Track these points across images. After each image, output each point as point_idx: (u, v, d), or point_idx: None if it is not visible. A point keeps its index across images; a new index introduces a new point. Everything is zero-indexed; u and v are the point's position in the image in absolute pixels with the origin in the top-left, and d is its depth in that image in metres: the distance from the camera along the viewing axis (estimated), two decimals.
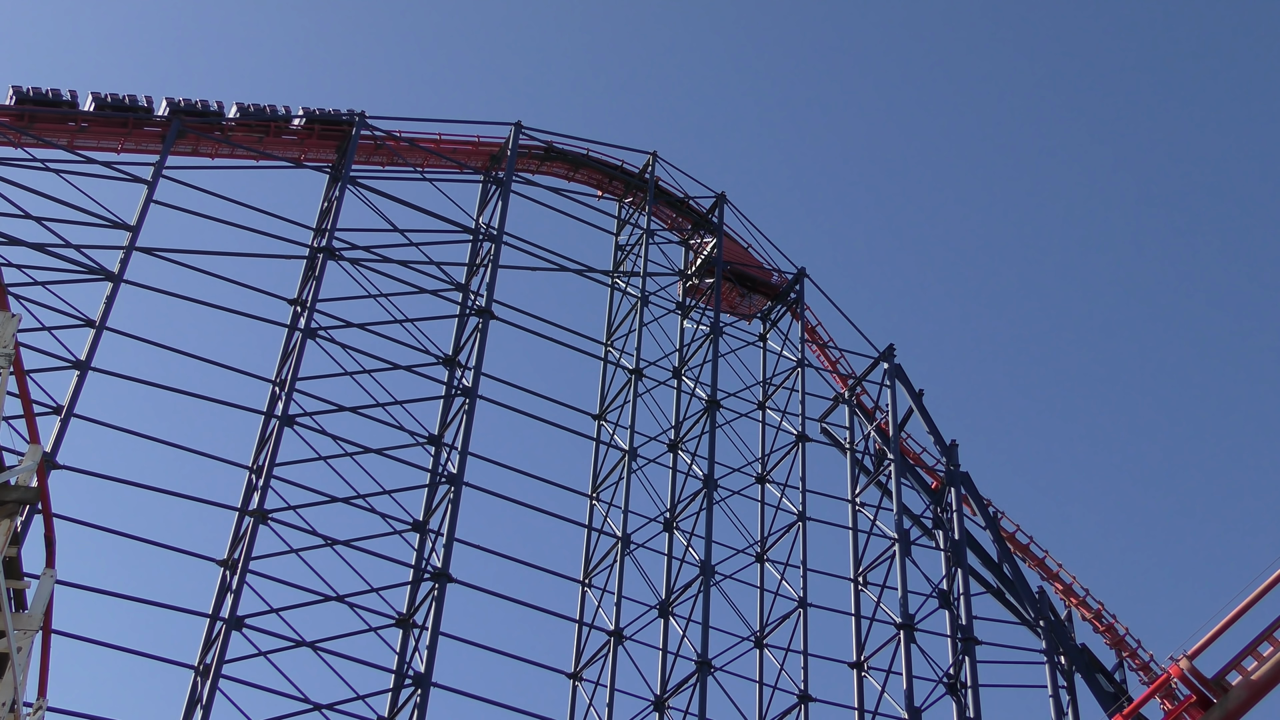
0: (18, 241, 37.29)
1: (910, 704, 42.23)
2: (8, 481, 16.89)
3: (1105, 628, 50.48)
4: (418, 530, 38.64)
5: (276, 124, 43.96)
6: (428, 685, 35.33)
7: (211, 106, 43.10)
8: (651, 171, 50.68)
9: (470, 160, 47.28)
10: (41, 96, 40.93)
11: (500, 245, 44.04)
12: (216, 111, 43.00)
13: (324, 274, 41.02)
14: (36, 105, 40.85)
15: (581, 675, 42.11)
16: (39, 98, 40.91)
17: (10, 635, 17.15)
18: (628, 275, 49.51)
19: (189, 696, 34.35)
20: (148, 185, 39.84)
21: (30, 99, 40.78)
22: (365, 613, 36.62)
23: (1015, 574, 48.10)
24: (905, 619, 43.70)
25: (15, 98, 40.71)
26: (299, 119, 44.40)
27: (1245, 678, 38.30)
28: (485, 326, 42.06)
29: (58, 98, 41.17)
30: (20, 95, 40.71)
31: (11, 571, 17.56)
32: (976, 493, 48.95)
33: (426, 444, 40.19)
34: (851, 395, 51.27)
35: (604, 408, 46.76)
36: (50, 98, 41.04)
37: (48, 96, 41.01)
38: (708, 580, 41.71)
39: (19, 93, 40.75)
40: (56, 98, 41.15)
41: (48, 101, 41.06)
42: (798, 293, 51.79)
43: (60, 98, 41.21)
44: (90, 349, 36.10)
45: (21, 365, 17.80)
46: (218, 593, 36.07)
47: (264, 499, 36.22)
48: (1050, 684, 45.22)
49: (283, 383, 39.22)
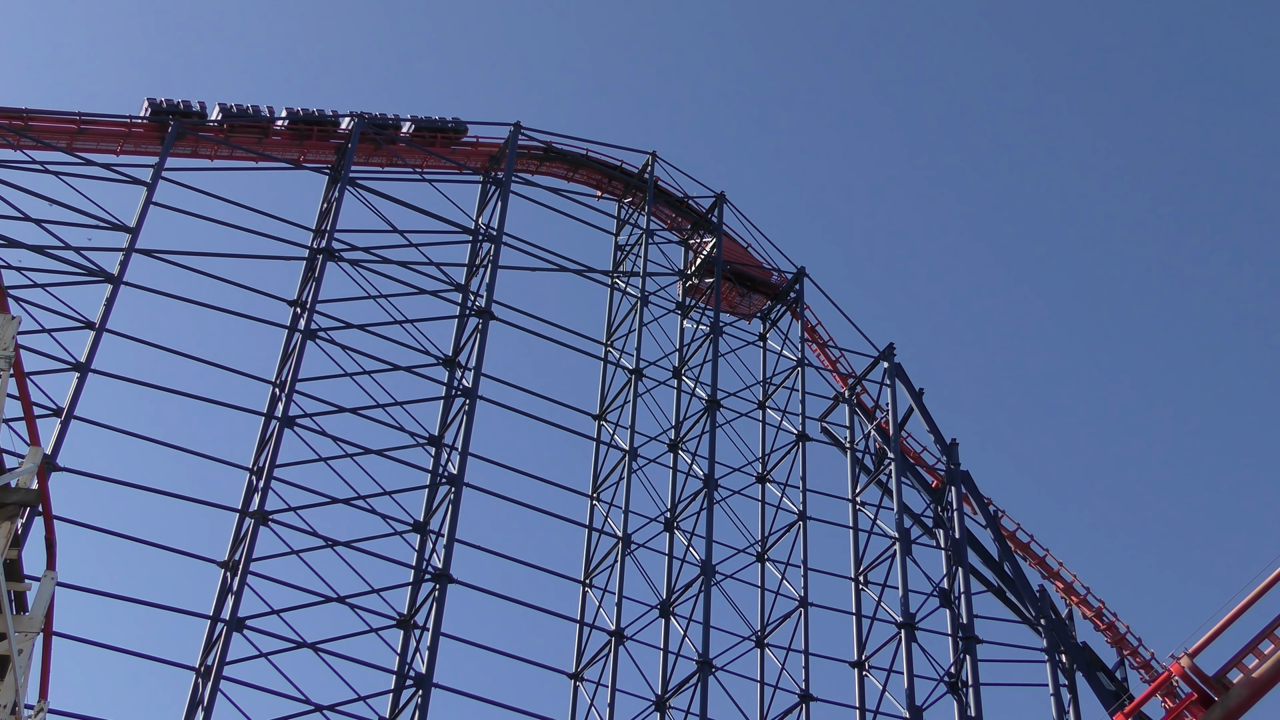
0: (17, 244, 37.30)
1: (911, 703, 42.24)
2: (8, 484, 16.89)
3: (1106, 626, 50.47)
4: (418, 531, 38.64)
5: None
6: (429, 686, 35.33)
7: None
8: (651, 171, 50.67)
9: (469, 161, 47.29)
10: (174, 107, 42.48)
11: (500, 246, 44.03)
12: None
13: (324, 275, 41.02)
14: (175, 115, 42.38)
15: (582, 675, 42.11)
16: (172, 108, 42.43)
17: (11, 637, 17.15)
18: (627, 275, 49.51)
19: (190, 698, 34.35)
20: (147, 187, 39.87)
21: (165, 109, 42.32)
22: (366, 614, 36.62)
23: (1016, 572, 48.10)
24: (906, 618, 43.70)
25: (150, 109, 42.24)
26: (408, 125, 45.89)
27: (1246, 675, 38.29)
28: (485, 327, 42.05)
29: (188, 108, 42.73)
30: (155, 106, 42.33)
31: (12, 574, 17.56)
32: (977, 491, 48.95)
33: (427, 445, 40.18)
34: (851, 394, 51.26)
35: (604, 408, 46.75)
36: (182, 108, 42.59)
37: (179, 107, 42.57)
38: (708, 580, 41.70)
39: (154, 104, 42.34)
40: (188, 108, 42.72)
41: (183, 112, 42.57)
42: (797, 292, 51.79)
43: (191, 108, 42.77)
44: (90, 351, 36.09)
45: (21, 367, 17.79)
46: (218, 594, 36.06)
47: (264, 500, 36.21)
48: (1051, 682, 45.22)
49: (283, 384, 39.22)
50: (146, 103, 42.54)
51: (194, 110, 43.01)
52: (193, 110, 42.98)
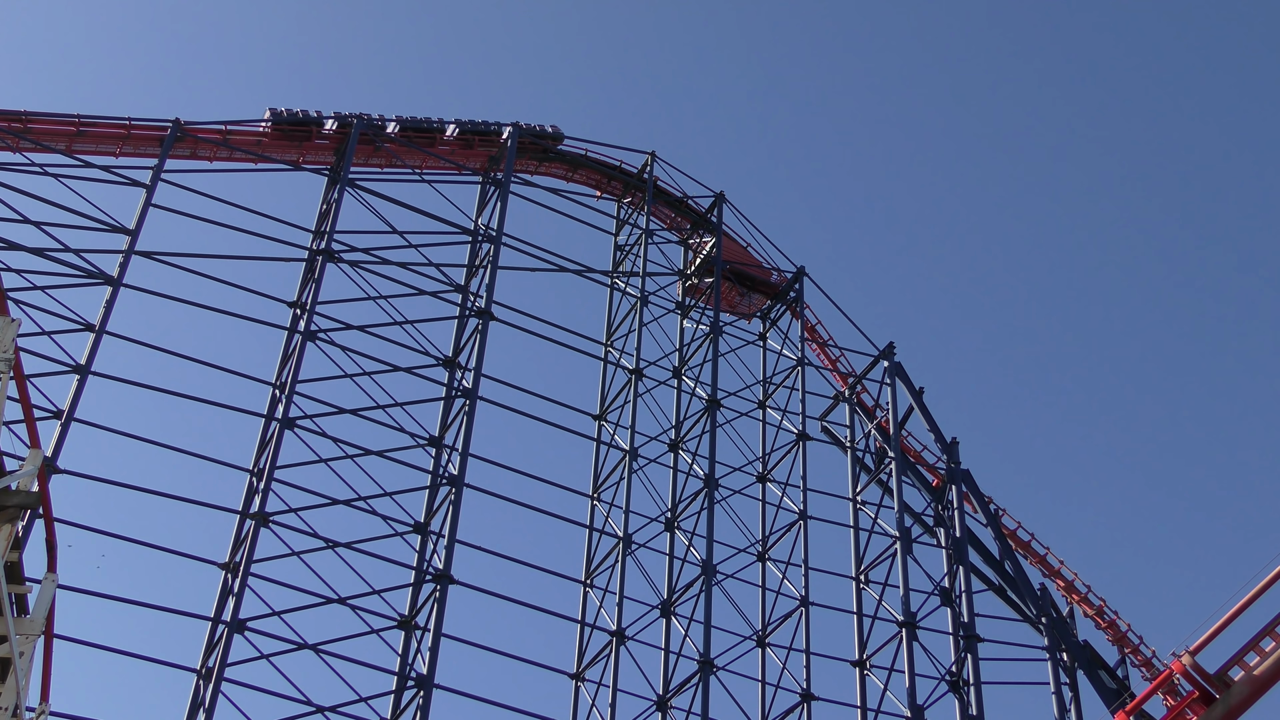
0: (17, 246, 37.27)
1: (913, 702, 42.25)
2: (9, 486, 16.90)
3: (1107, 624, 50.45)
4: (419, 532, 38.63)
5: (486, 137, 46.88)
6: (430, 687, 35.31)
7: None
8: (650, 171, 50.67)
9: (468, 161, 47.27)
10: (293, 116, 43.98)
11: (499, 246, 44.02)
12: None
13: (323, 276, 41.01)
14: (292, 125, 44.00)
15: (584, 676, 42.10)
16: (291, 118, 43.98)
17: (12, 640, 17.16)
18: (627, 275, 49.50)
19: (191, 700, 34.33)
20: (146, 189, 39.86)
21: (286, 119, 43.89)
22: (367, 615, 36.60)
23: (1017, 571, 48.09)
24: (907, 617, 43.70)
25: (272, 119, 43.69)
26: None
27: (1248, 673, 38.29)
28: (485, 328, 42.04)
29: (308, 116, 44.10)
30: (276, 116, 43.84)
31: (13, 576, 17.57)
32: (977, 490, 48.94)
33: (427, 446, 40.16)
34: (852, 393, 51.25)
35: (604, 408, 46.75)
36: (301, 116, 44.05)
37: (299, 116, 44.01)
38: (709, 580, 41.70)
39: (275, 114, 43.84)
40: (307, 116, 44.09)
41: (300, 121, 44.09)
42: (797, 291, 51.78)
43: (310, 116, 44.15)
44: (90, 353, 36.06)
45: (22, 370, 17.81)
46: (219, 596, 36.03)
47: (265, 502, 36.20)
48: (1053, 681, 45.22)
49: (283, 385, 39.20)
50: (268, 112, 44.06)
51: (312, 119, 44.40)
52: (311, 119, 44.36)
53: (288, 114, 43.93)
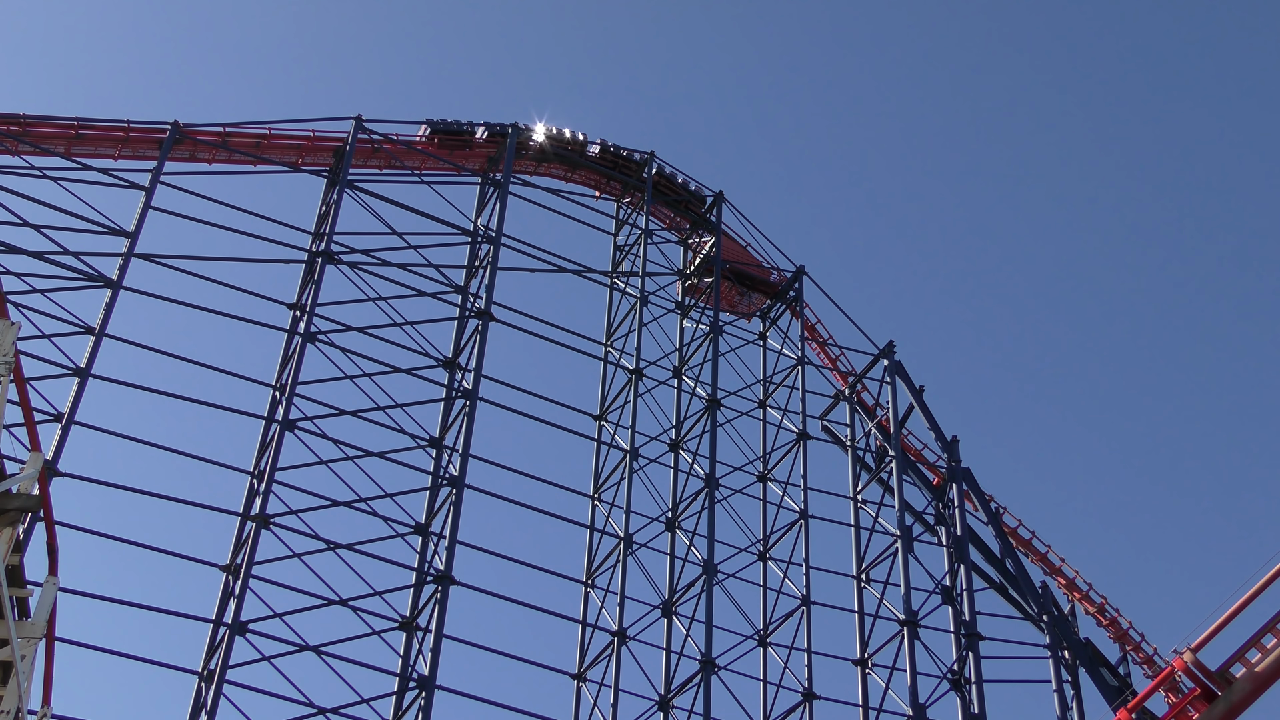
0: (17, 249, 37.27)
1: (915, 700, 42.26)
2: (9, 489, 16.88)
3: (1109, 622, 50.46)
4: (420, 533, 38.63)
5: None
6: (432, 688, 35.31)
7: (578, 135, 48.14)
8: (649, 171, 50.63)
9: (468, 162, 47.25)
10: (448, 126, 45.94)
11: (499, 247, 44.01)
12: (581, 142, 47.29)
13: (323, 278, 41.00)
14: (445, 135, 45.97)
15: (585, 676, 42.10)
16: (445, 127, 45.94)
17: (14, 643, 17.15)
18: (626, 275, 49.48)
19: (193, 702, 34.35)
20: (145, 191, 39.85)
21: (441, 129, 45.92)
22: (368, 616, 36.63)
23: (1018, 569, 48.08)
24: (908, 615, 43.70)
25: (430, 130, 45.77)
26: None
27: (1249, 670, 38.24)
28: (485, 328, 42.03)
29: (459, 126, 46.00)
30: (434, 127, 45.83)
31: (14, 579, 17.56)
32: (978, 488, 48.93)
33: (427, 447, 40.16)
34: (852, 392, 51.24)
35: (604, 408, 46.73)
36: (454, 127, 45.98)
37: (452, 126, 45.94)
38: (710, 579, 41.69)
39: (432, 124, 45.83)
40: (459, 126, 45.99)
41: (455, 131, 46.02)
42: (797, 290, 51.76)
43: (462, 126, 46.03)
44: (90, 356, 36.06)
45: (22, 373, 17.79)
46: (220, 598, 36.05)
47: (266, 504, 36.20)
48: (1054, 678, 45.20)
49: (283, 387, 39.20)
50: (425, 124, 45.91)
51: (464, 130, 46.18)
52: (464, 129, 46.16)
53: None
